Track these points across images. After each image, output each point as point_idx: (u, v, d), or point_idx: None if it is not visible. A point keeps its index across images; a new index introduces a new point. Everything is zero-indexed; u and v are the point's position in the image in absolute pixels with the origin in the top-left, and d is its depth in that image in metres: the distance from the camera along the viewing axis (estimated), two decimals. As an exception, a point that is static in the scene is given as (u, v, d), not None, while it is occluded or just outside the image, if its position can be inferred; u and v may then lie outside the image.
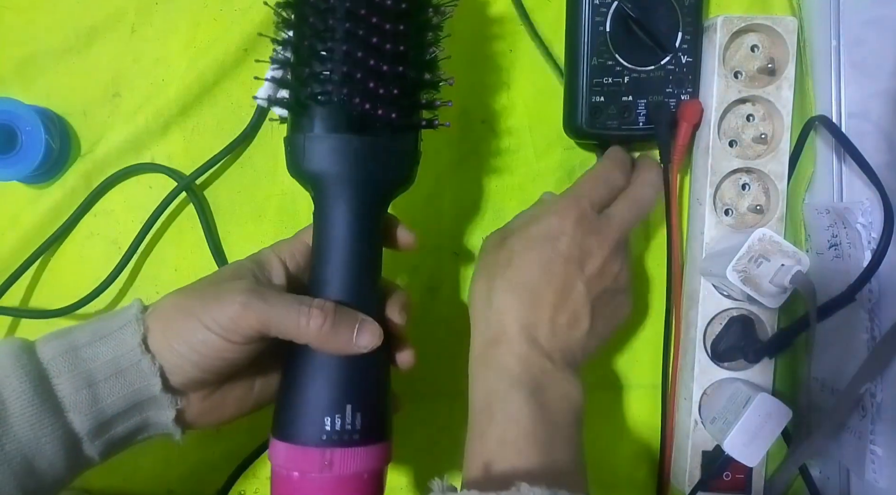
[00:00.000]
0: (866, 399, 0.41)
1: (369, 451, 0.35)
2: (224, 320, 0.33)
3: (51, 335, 0.35)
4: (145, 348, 0.34)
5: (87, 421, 0.33)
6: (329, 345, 0.34)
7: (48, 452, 0.32)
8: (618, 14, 0.43)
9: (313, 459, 0.34)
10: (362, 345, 0.34)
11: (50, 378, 0.33)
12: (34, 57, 0.46)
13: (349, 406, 0.34)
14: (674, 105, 0.44)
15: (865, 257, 0.41)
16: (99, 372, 0.33)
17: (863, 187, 0.42)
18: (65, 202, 0.46)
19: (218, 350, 0.33)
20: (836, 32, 0.43)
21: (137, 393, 0.34)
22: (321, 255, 0.36)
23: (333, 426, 0.34)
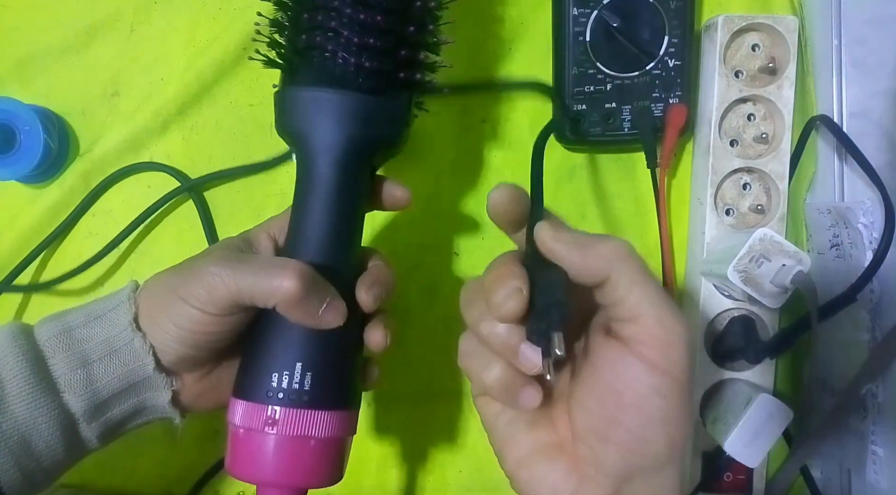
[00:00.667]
0: (867, 399, 0.41)
1: (320, 416, 0.33)
2: (198, 292, 0.32)
3: (47, 317, 0.35)
4: (136, 327, 0.34)
5: (83, 401, 0.33)
6: (295, 311, 0.32)
7: (45, 432, 0.32)
8: (598, 23, 0.43)
9: (258, 415, 0.33)
10: (327, 321, 0.33)
11: (46, 358, 0.33)
12: (33, 56, 0.46)
13: (299, 364, 0.33)
14: (661, 109, 0.44)
15: (867, 257, 0.41)
16: (93, 352, 0.33)
17: (864, 187, 0.42)
18: (63, 202, 0.46)
19: (200, 324, 0.33)
20: (838, 31, 0.43)
21: (132, 374, 0.34)
22: (297, 216, 0.35)
23: (280, 383, 0.33)
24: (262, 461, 0.33)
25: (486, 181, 0.48)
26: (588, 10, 0.43)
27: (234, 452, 0.34)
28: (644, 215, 0.48)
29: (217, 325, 0.33)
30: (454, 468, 0.48)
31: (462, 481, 0.48)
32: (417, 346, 0.47)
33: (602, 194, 0.48)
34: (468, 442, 0.48)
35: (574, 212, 0.48)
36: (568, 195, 0.48)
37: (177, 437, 0.38)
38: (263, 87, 0.47)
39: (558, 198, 0.48)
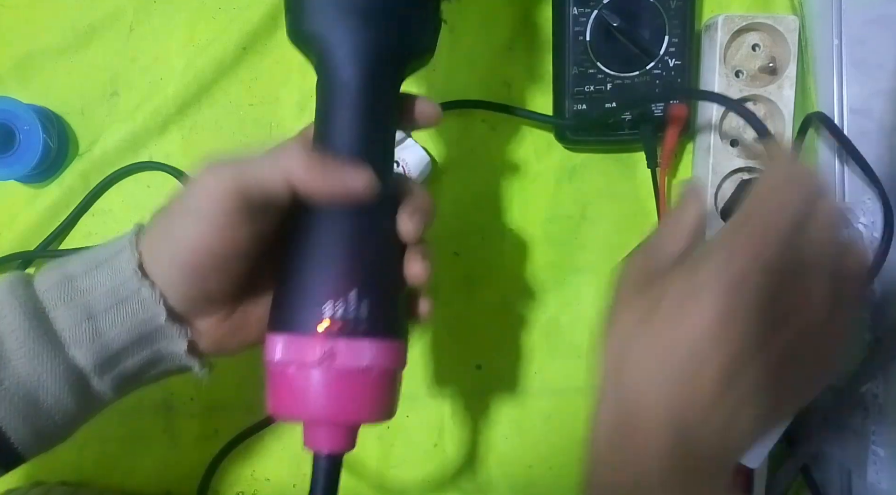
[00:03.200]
0: (868, 399, 0.41)
1: (379, 345, 0.30)
2: (198, 199, 0.29)
3: (47, 266, 0.32)
4: (142, 274, 0.31)
5: (91, 356, 0.30)
6: (316, 181, 0.29)
7: (52, 388, 0.30)
8: (598, 23, 0.43)
9: (312, 349, 0.29)
10: (354, 186, 0.29)
11: (47, 311, 0.30)
12: (32, 56, 0.46)
13: (354, 290, 0.30)
14: (662, 109, 0.44)
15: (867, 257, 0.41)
16: (98, 303, 0.31)
17: (864, 187, 0.42)
18: (63, 201, 0.46)
19: (208, 241, 0.29)
20: (838, 31, 0.43)
21: (142, 325, 0.31)
22: (322, 133, 0.31)
23: (335, 312, 0.30)
24: (316, 397, 0.30)
25: (487, 181, 0.47)
26: (588, 10, 0.43)
27: (281, 391, 0.30)
28: (644, 215, 0.48)
29: (227, 240, 0.30)
30: (454, 469, 0.48)
31: (462, 481, 0.48)
32: (418, 347, 0.47)
33: (602, 194, 0.48)
34: (469, 441, 0.48)
35: (574, 213, 0.48)
36: (568, 195, 0.48)
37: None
38: (263, 86, 0.47)
39: (558, 198, 0.48)
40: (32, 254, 0.46)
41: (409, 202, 0.32)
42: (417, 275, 0.32)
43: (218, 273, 0.31)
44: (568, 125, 0.45)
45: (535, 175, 0.48)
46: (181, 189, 0.31)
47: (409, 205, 0.32)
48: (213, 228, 0.29)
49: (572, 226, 0.48)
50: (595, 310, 0.48)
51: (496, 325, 0.47)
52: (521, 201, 0.47)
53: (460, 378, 0.48)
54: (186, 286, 0.31)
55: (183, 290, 0.31)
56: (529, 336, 0.48)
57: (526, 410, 0.47)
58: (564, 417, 0.48)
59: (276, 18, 0.46)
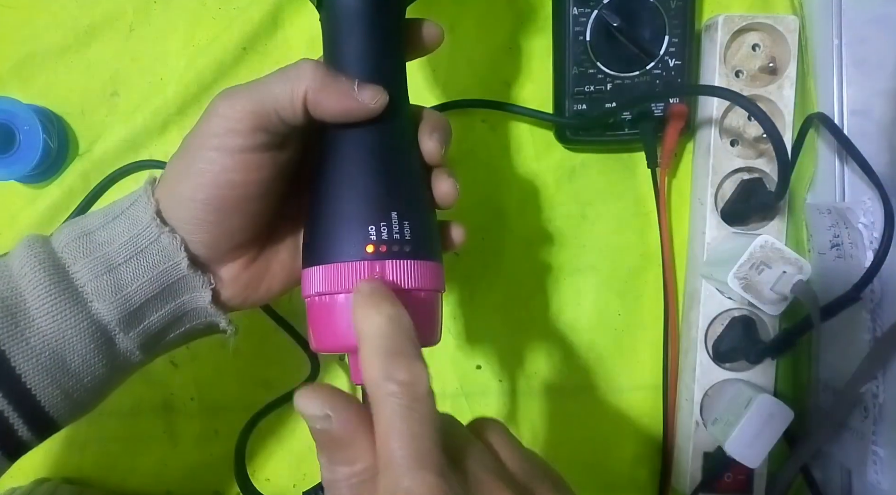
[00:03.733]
0: (868, 399, 0.41)
1: (424, 265, 0.30)
2: (213, 126, 0.29)
3: (64, 223, 0.32)
4: (161, 221, 0.30)
5: (114, 309, 0.30)
6: (329, 98, 0.29)
7: (78, 346, 0.29)
8: (598, 23, 0.43)
9: (360, 273, 0.29)
10: (366, 99, 0.29)
11: (66, 266, 0.30)
12: (32, 56, 0.46)
13: (394, 213, 0.29)
14: (662, 108, 0.44)
15: (867, 257, 0.41)
16: (117, 254, 0.30)
17: (864, 187, 0.42)
18: (63, 201, 0.46)
19: (224, 170, 0.29)
20: (838, 31, 0.43)
21: (164, 275, 0.30)
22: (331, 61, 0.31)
23: (380, 234, 0.29)
24: None
25: (487, 181, 0.47)
26: (588, 10, 0.43)
27: (329, 322, 0.30)
28: (644, 215, 0.48)
29: (245, 168, 0.29)
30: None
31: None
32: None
33: (602, 194, 0.48)
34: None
35: (574, 213, 0.48)
36: (568, 195, 0.48)
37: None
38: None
39: (558, 199, 0.48)
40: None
41: (426, 122, 0.32)
42: (447, 193, 0.32)
43: (240, 208, 0.30)
44: (568, 125, 0.45)
45: (535, 175, 0.48)
46: (195, 125, 0.30)
47: (427, 124, 0.32)
48: (232, 156, 0.29)
49: (572, 226, 0.48)
50: (595, 309, 0.48)
51: (496, 325, 0.47)
52: (521, 201, 0.47)
53: (460, 378, 0.48)
54: (208, 225, 0.30)
55: (205, 231, 0.30)
56: (529, 336, 0.48)
57: (526, 410, 0.47)
58: (564, 417, 0.48)
59: (277, 18, 0.46)
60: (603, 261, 0.48)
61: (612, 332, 0.48)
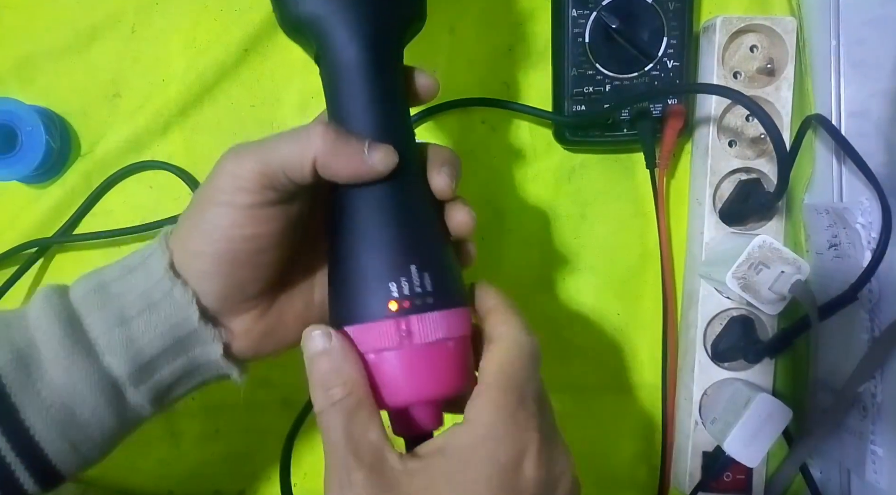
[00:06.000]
0: (866, 399, 0.41)
1: (450, 315, 0.30)
2: (223, 182, 0.29)
3: (83, 275, 0.32)
4: (174, 274, 0.30)
5: (125, 363, 0.30)
6: (337, 159, 0.29)
7: (88, 399, 0.29)
8: (597, 24, 0.43)
9: (387, 333, 0.29)
10: (376, 161, 0.29)
11: (81, 318, 0.30)
12: (34, 57, 0.46)
13: (413, 266, 0.29)
14: (660, 109, 0.44)
15: (865, 257, 0.41)
16: (131, 307, 0.30)
17: (862, 187, 0.42)
18: (65, 202, 0.46)
19: (233, 225, 0.29)
20: (836, 32, 0.43)
21: (176, 328, 0.30)
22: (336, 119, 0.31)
23: (402, 290, 0.29)
24: (402, 381, 0.29)
25: (486, 182, 0.48)
26: (587, 12, 0.43)
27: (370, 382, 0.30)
28: (643, 216, 0.48)
29: (254, 223, 0.29)
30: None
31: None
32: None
33: (601, 195, 0.48)
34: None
35: (574, 213, 0.48)
36: (567, 196, 0.48)
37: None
38: (264, 87, 0.47)
39: (558, 199, 0.48)
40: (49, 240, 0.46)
41: (434, 160, 0.32)
42: (463, 223, 0.32)
43: (250, 262, 0.30)
44: (567, 125, 0.45)
45: (535, 175, 0.48)
46: (205, 180, 0.30)
47: (435, 162, 0.32)
48: (241, 211, 0.29)
49: (571, 227, 0.48)
50: (594, 309, 0.48)
51: (496, 325, 0.48)
52: (520, 201, 0.48)
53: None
54: (219, 278, 0.30)
55: (216, 285, 0.30)
56: (529, 336, 0.48)
57: (525, 410, 0.48)
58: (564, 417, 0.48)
59: (277, 20, 0.46)
60: (602, 261, 0.48)
61: (612, 332, 0.48)
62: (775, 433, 0.40)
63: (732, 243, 0.42)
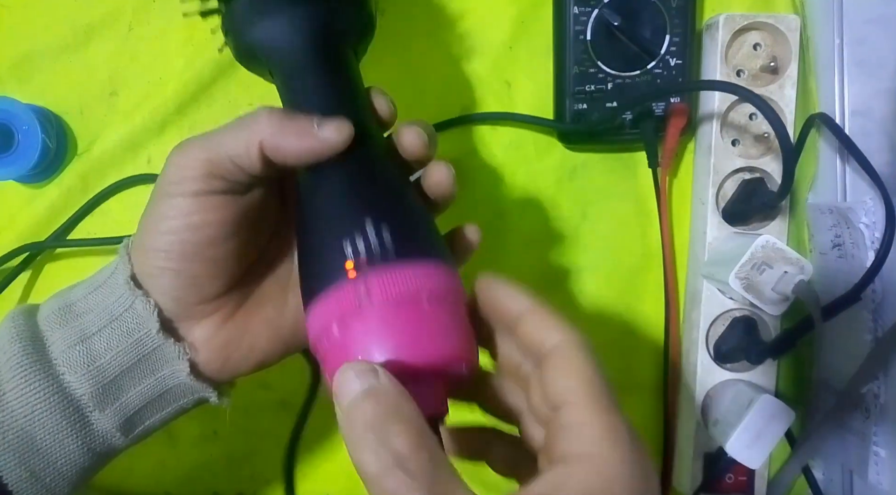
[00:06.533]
0: (869, 400, 0.41)
1: (419, 267, 0.26)
2: (169, 178, 0.28)
3: (54, 295, 0.31)
4: (134, 285, 0.29)
5: (86, 382, 0.28)
6: (286, 137, 0.27)
7: (48, 423, 0.28)
8: (599, 22, 0.43)
9: (346, 296, 0.26)
10: (328, 133, 0.27)
11: (44, 338, 0.29)
12: (31, 55, 0.46)
13: (369, 219, 0.27)
14: (662, 108, 0.44)
15: (869, 257, 0.40)
16: (92, 324, 0.29)
17: (866, 186, 0.42)
18: (62, 201, 0.46)
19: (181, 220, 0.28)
20: (840, 30, 0.43)
21: (138, 345, 0.29)
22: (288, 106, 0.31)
23: (356, 249, 0.26)
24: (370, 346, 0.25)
25: (486, 182, 0.47)
26: (589, 9, 0.43)
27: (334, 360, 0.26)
28: (645, 215, 0.47)
29: (200, 210, 0.28)
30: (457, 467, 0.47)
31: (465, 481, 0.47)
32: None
33: (603, 194, 0.48)
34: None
35: (575, 213, 0.47)
36: (569, 195, 0.47)
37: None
38: (262, 86, 0.46)
39: (559, 199, 0.47)
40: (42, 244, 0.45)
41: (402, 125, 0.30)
42: (441, 181, 0.30)
43: (200, 255, 0.29)
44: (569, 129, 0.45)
45: (535, 175, 0.47)
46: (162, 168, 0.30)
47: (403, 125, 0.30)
48: (187, 201, 0.28)
49: (573, 226, 0.48)
50: (595, 310, 0.48)
51: (496, 326, 0.47)
52: (521, 201, 0.47)
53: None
54: (172, 274, 0.29)
55: (169, 282, 0.29)
56: (530, 336, 0.48)
57: (526, 411, 0.47)
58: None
59: (276, 18, 0.46)
60: (604, 261, 0.48)
61: (613, 332, 0.48)
62: (778, 434, 0.39)
63: (735, 243, 0.42)
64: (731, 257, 0.40)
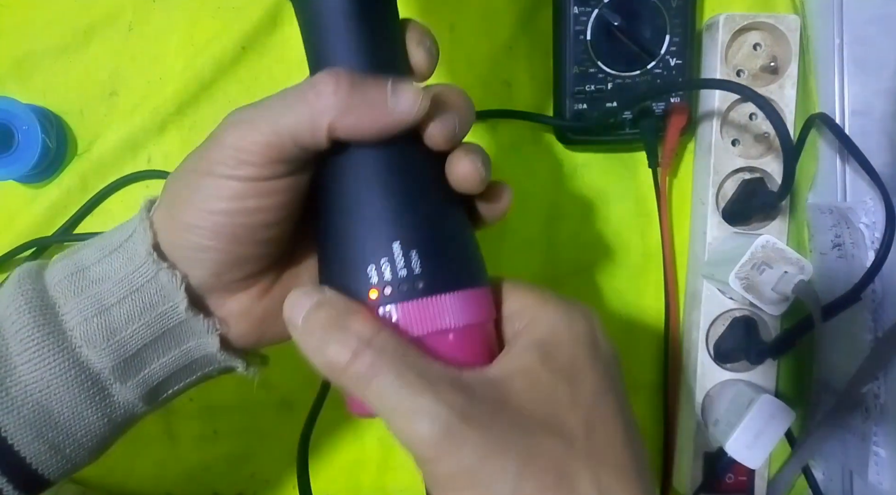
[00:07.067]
0: (869, 400, 0.41)
1: (447, 301, 0.25)
2: (226, 154, 0.25)
3: (60, 255, 0.28)
4: (158, 256, 0.26)
5: (106, 356, 0.26)
6: (357, 113, 0.24)
7: (65, 397, 0.26)
8: (599, 22, 0.43)
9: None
10: (403, 107, 0.24)
11: (56, 306, 0.27)
12: (31, 55, 0.46)
13: (396, 243, 0.24)
14: (662, 108, 0.44)
15: (868, 257, 0.40)
16: (110, 294, 0.26)
17: (866, 187, 0.42)
18: (62, 201, 0.46)
19: (238, 198, 0.25)
20: (840, 30, 0.43)
21: (162, 319, 0.27)
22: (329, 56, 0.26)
23: (381, 275, 0.24)
24: None
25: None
26: (589, 9, 0.43)
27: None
28: (645, 215, 0.47)
29: (259, 195, 0.25)
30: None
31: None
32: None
33: (603, 194, 0.48)
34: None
35: (575, 213, 0.47)
36: (569, 195, 0.47)
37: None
38: (262, 86, 0.47)
39: (559, 199, 0.47)
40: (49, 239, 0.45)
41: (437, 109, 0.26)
42: (467, 175, 0.26)
43: (254, 237, 0.26)
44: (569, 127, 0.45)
45: (535, 175, 0.47)
46: (199, 148, 0.27)
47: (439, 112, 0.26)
48: (244, 186, 0.25)
49: (573, 226, 0.48)
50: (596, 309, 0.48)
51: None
52: (521, 201, 0.47)
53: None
54: (216, 255, 0.26)
55: (211, 260, 0.27)
56: (530, 336, 0.48)
57: (526, 411, 0.47)
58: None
59: (276, 17, 0.46)
60: (603, 261, 0.48)
61: (613, 332, 0.47)
62: (778, 434, 0.39)
63: (735, 243, 0.42)
64: (731, 257, 0.40)
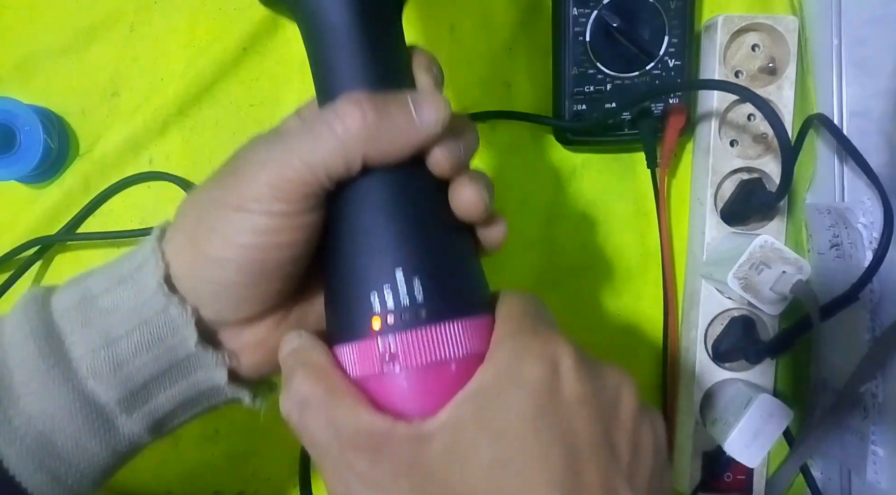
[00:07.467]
0: (867, 399, 0.41)
1: (450, 330, 0.24)
2: (259, 190, 0.24)
3: (68, 282, 0.28)
4: (168, 289, 0.26)
5: (112, 389, 0.26)
6: (385, 134, 0.24)
7: (69, 429, 0.26)
8: (598, 23, 0.43)
9: (369, 355, 0.24)
10: (428, 120, 0.24)
11: (62, 336, 0.26)
12: (33, 56, 0.46)
13: (399, 271, 0.24)
14: (661, 109, 0.44)
15: (867, 257, 0.41)
16: (119, 325, 0.26)
17: (864, 187, 0.42)
18: (63, 202, 0.46)
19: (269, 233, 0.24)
20: (838, 31, 0.43)
21: (170, 352, 0.26)
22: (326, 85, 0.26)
23: (384, 303, 0.24)
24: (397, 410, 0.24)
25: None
26: (588, 10, 0.43)
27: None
28: (644, 215, 0.48)
29: (293, 230, 0.25)
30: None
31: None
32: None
33: (602, 194, 0.48)
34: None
35: (574, 213, 0.48)
36: (568, 195, 0.48)
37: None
38: (263, 87, 0.47)
39: (558, 199, 0.48)
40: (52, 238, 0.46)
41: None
42: (469, 204, 0.26)
43: (280, 273, 0.26)
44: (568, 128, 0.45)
45: (535, 175, 0.48)
46: (224, 179, 0.26)
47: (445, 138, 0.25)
48: (277, 221, 0.24)
49: (572, 226, 0.48)
50: (594, 309, 0.48)
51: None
52: (520, 201, 0.47)
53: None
54: (238, 288, 0.26)
55: (232, 295, 0.26)
56: (529, 336, 0.48)
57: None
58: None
59: (277, 19, 0.46)
60: (603, 261, 0.48)
61: (612, 332, 0.48)
62: (776, 433, 0.40)
63: (734, 243, 0.42)
64: (729, 257, 0.40)
